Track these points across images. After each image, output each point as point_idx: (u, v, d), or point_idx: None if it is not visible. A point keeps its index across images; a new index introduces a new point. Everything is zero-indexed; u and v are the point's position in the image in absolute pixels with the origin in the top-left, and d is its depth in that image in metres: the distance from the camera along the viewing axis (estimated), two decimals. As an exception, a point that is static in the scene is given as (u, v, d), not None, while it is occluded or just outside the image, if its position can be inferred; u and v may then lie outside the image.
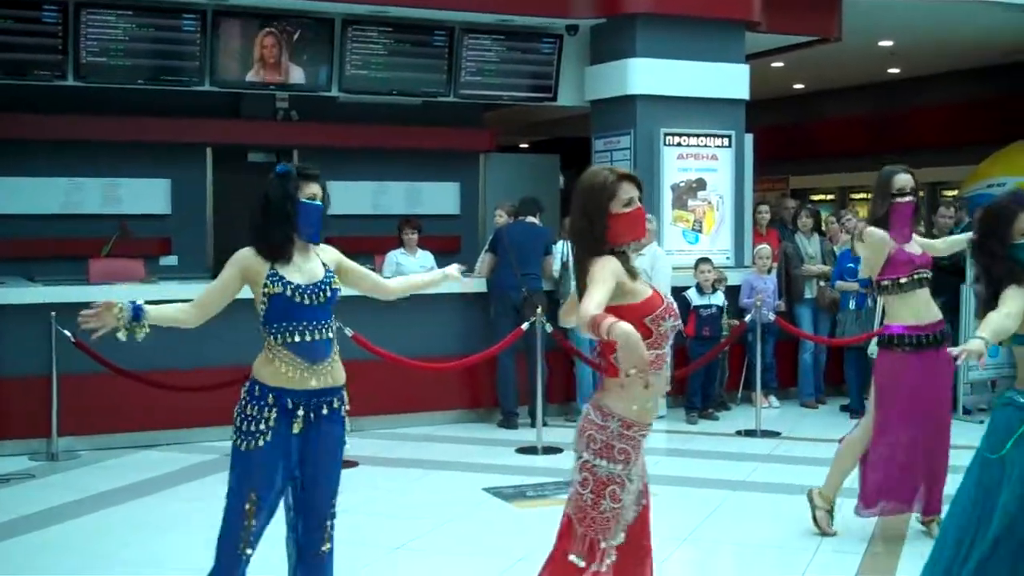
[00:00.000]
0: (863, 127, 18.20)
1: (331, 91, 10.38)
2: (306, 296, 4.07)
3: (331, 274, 4.21)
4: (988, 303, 3.85)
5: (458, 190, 13.21)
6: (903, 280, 5.68)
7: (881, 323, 6.37)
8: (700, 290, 9.49)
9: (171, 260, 11.54)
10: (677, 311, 3.48)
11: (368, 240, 11.50)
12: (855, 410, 9.74)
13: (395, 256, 9.96)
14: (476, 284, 9.41)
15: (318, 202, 4.18)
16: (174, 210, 11.79)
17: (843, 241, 10.48)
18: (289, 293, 4.04)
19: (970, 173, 14.55)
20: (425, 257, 9.98)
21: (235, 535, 4.04)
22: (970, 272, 9.37)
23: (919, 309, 5.73)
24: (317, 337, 4.09)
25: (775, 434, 8.91)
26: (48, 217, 11.12)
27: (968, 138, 15.67)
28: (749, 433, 8.91)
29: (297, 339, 4.05)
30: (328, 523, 4.20)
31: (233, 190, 11.47)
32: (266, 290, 4.04)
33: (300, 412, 4.05)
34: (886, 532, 6.03)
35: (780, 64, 14.63)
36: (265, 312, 4.06)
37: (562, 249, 9.31)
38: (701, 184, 10.47)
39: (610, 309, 3.26)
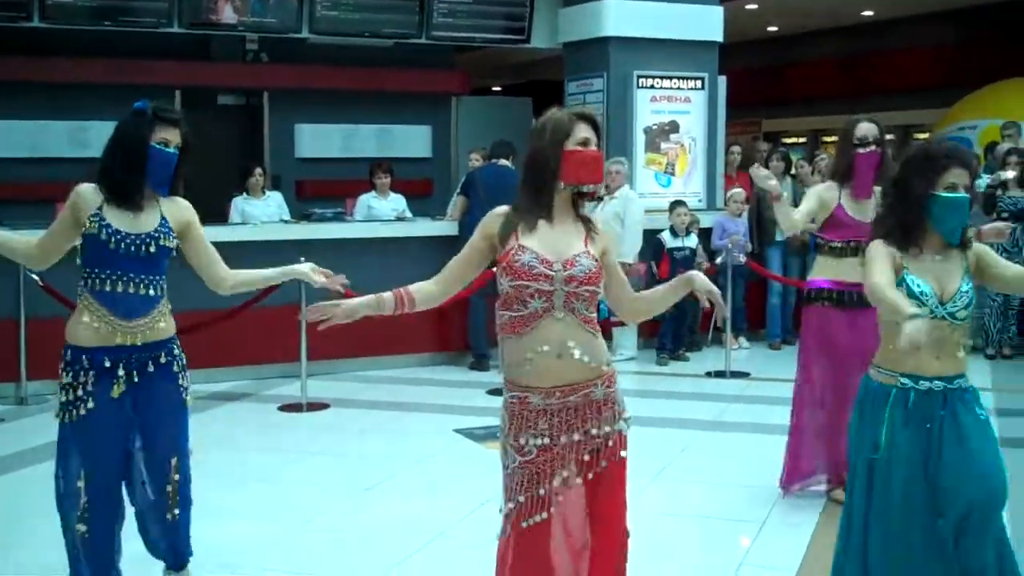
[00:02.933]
0: (836, 70, 18.19)
1: (301, 32, 10.26)
2: (123, 244, 3.73)
3: (165, 229, 3.84)
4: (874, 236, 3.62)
5: (430, 133, 13.12)
6: (837, 244, 5.45)
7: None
8: (674, 232, 9.51)
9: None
10: (526, 269, 3.21)
11: (339, 183, 11.44)
12: (824, 351, 9.82)
13: (367, 199, 9.91)
14: (447, 227, 9.40)
15: (171, 149, 3.81)
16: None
17: (814, 183, 10.50)
18: (104, 237, 3.72)
19: (943, 116, 14.58)
20: (397, 200, 9.94)
21: (69, 513, 3.80)
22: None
23: (846, 268, 5.40)
24: (131, 291, 3.77)
25: (744, 375, 8.98)
26: (15, 161, 10.97)
27: (941, 81, 15.71)
28: (719, 374, 8.98)
29: (108, 288, 3.74)
30: (169, 487, 3.92)
31: (203, 133, 11.23)
32: (83, 228, 3.74)
33: (120, 372, 3.75)
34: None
35: (754, 6, 14.58)
36: (80, 253, 3.76)
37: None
38: (674, 127, 10.45)
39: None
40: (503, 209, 3.32)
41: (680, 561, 4.84)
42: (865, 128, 5.37)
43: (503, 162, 9.41)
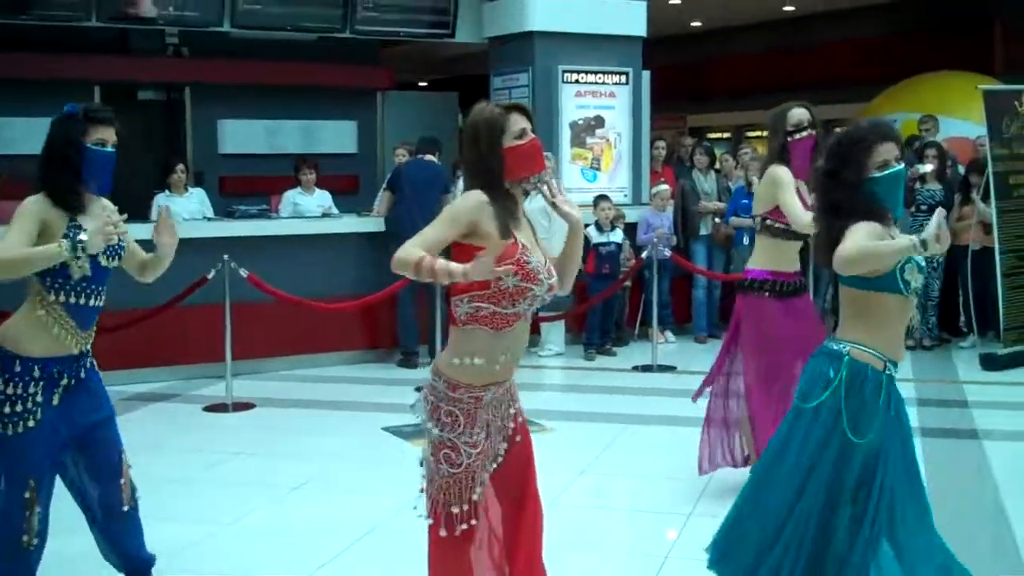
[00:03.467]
0: (758, 65, 18.41)
1: (223, 26, 10.10)
2: (104, 256, 3.73)
3: (122, 240, 3.83)
4: (830, 239, 3.51)
5: (355, 129, 13.07)
6: (781, 226, 5.37)
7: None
8: (599, 228, 9.55)
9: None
10: (535, 274, 3.19)
11: (264, 180, 11.34)
12: (749, 344, 9.94)
13: (292, 196, 9.83)
14: (374, 223, 9.36)
15: (109, 148, 3.76)
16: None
17: (737, 178, 10.63)
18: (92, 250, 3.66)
19: (862, 110, 14.83)
20: (323, 196, 9.87)
21: (16, 530, 3.72)
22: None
23: (785, 258, 5.45)
24: (93, 303, 3.77)
25: (671, 368, 9.06)
26: (-72, 157, 10.73)
27: (861, 76, 15.96)
28: (646, 368, 9.04)
29: (80, 301, 3.71)
30: (123, 480, 3.93)
31: (123, 129, 11.16)
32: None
33: (64, 380, 3.75)
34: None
35: (677, 1, 14.69)
36: (57, 268, 3.64)
37: (463, 187, 9.25)
38: (599, 122, 10.49)
39: (455, 246, 3.17)
40: (482, 198, 3.20)
41: (607, 553, 4.87)
42: (799, 114, 5.38)
43: (429, 157, 9.38)
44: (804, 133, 5.34)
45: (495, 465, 3.36)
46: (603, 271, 9.39)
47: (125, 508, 3.95)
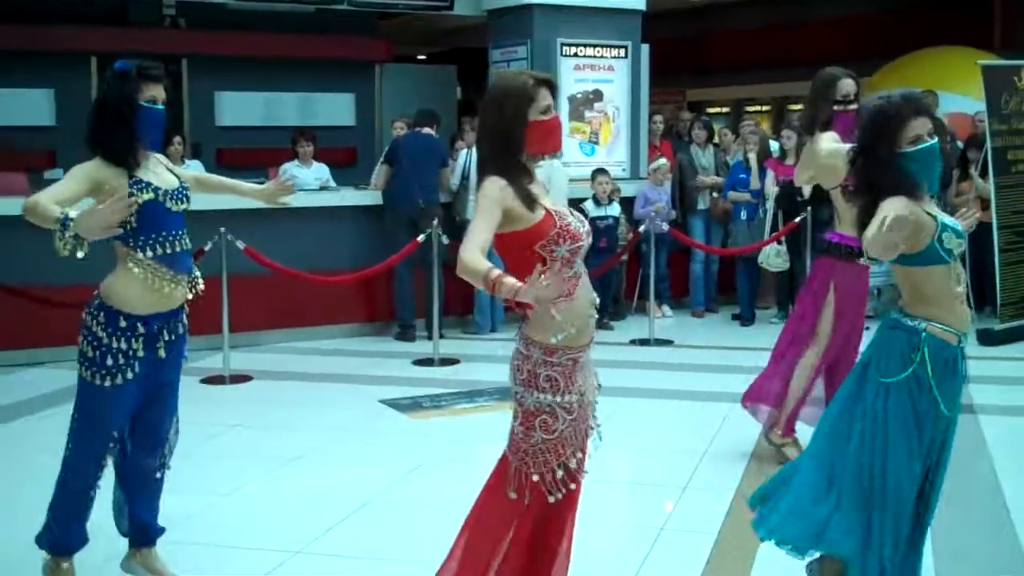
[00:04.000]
0: (758, 40, 18.33)
1: (220, -3, 10.09)
2: (173, 201, 3.82)
3: (184, 184, 3.93)
4: (865, 216, 3.52)
5: (353, 101, 13.03)
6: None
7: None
8: (596, 201, 9.54)
9: (56, 173, 11.17)
10: (579, 231, 3.21)
11: (261, 152, 11.31)
12: (745, 318, 9.97)
13: (289, 168, 9.76)
14: (371, 196, 9.34)
15: (159, 106, 3.81)
16: (58, 122, 11.43)
17: (735, 152, 10.62)
18: (161, 198, 3.76)
19: (863, 85, 14.79)
20: (320, 169, 9.84)
21: (88, 478, 3.82)
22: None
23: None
24: (180, 248, 3.85)
25: (668, 342, 9.07)
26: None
27: (861, 51, 15.87)
28: (643, 342, 9.05)
29: (169, 250, 3.79)
30: (166, 448, 4.02)
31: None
32: (133, 199, 3.68)
33: (164, 336, 3.84)
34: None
35: (677, -25, 14.62)
36: (135, 224, 3.71)
37: (464, 160, 9.26)
38: (598, 95, 10.47)
39: (498, 237, 3.13)
40: (500, 183, 3.15)
41: (604, 526, 4.87)
42: (848, 85, 5.33)
43: (427, 130, 9.35)
44: (852, 106, 5.27)
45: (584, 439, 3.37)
46: (600, 245, 9.38)
47: (157, 476, 4.04)
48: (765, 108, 19.69)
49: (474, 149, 9.30)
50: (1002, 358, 8.15)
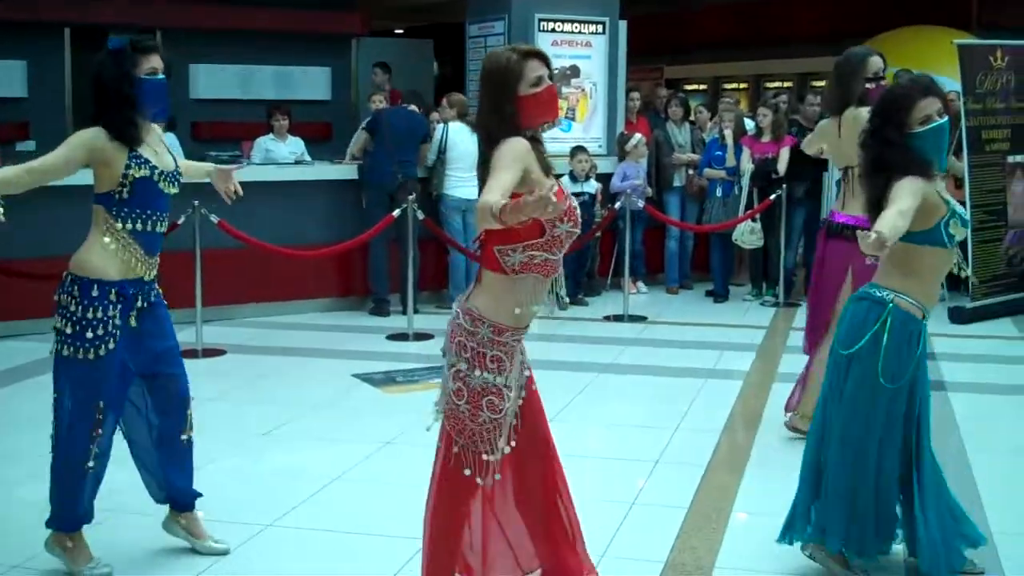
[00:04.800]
0: (736, 18, 18.32)
1: (195, -31, 10.00)
2: (167, 183, 3.88)
3: (178, 167, 4.01)
4: (877, 197, 3.63)
5: (329, 75, 12.95)
6: None
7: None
8: (573, 178, 9.53)
9: (28, 146, 11.07)
10: (579, 217, 3.25)
11: (236, 126, 11.25)
12: (719, 295, 10.01)
13: (264, 142, 9.75)
14: (347, 171, 9.31)
15: (160, 76, 3.85)
16: (31, 94, 11.32)
17: (711, 130, 10.63)
18: (156, 178, 3.83)
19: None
20: (295, 143, 9.80)
21: (82, 454, 3.84)
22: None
23: (861, 205, 5.44)
24: (159, 229, 3.92)
25: (642, 318, 9.09)
26: None
27: (840, 30, 15.89)
28: (617, 318, 9.07)
29: (149, 228, 3.85)
30: (189, 411, 4.12)
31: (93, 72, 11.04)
32: (130, 172, 3.76)
33: (139, 303, 3.88)
34: (745, 416, 6.23)
35: (655, -49, 14.56)
36: (125, 196, 3.78)
37: (440, 135, 9.24)
38: (575, 71, 10.44)
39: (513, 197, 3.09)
40: (525, 142, 3.15)
41: (576, 499, 4.86)
42: (877, 63, 5.37)
43: (412, 107, 9.33)
44: (883, 82, 5.30)
45: (515, 419, 3.38)
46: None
47: (184, 438, 4.10)
48: (743, 86, 19.69)
49: (450, 124, 9.36)
50: (972, 336, 8.20)
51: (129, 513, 4.37)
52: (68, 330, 3.77)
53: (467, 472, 3.26)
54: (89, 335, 3.75)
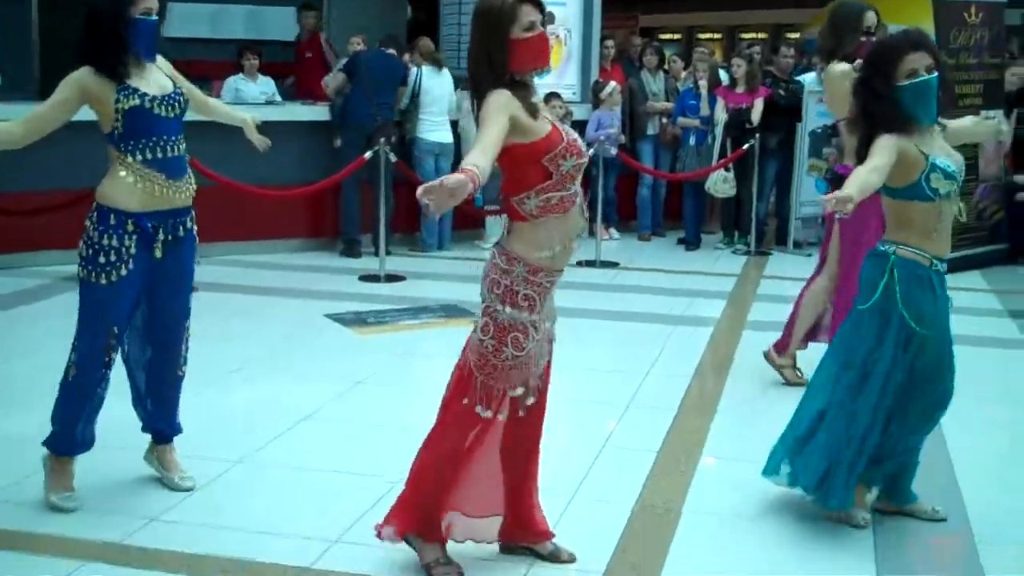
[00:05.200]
0: (713, -33, 18.23)
1: (166, -98, 9.78)
2: (163, 107, 3.88)
3: (179, 88, 4.00)
4: (861, 147, 3.69)
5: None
6: None
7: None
8: (546, 123, 9.48)
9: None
10: (582, 148, 3.28)
11: (207, 64, 11.04)
12: (691, 243, 10.04)
13: (234, 82, 9.64)
14: (319, 112, 9.22)
15: (154, 17, 3.89)
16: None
17: (685, 79, 10.60)
18: (147, 105, 3.83)
19: (814, 16, 14.76)
20: (266, 83, 9.70)
21: (94, 378, 3.91)
22: (807, 111, 9.59)
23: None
24: (173, 152, 3.92)
25: (614, 264, 9.12)
26: None
27: (814, -19, 15.88)
28: (589, 263, 9.08)
29: (159, 155, 3.86)
30: (183, 346, 4.15)
31: (60, 7, 10.84)
32: (120, 105, 3.80)
33: (160, 236, 3.92)
34: (715, 362, 6.27)
35: None
36: (121, 130, 3.82)
37: (414, 78, 9.17)
38: (550, 18, 10.29)
39: (505, 151, 3.11)
40: (506, 92, 3.13)
41: (547, 442, 4.88)
42: (872, 17, 5.39)
43: (391, 51, 9.24)
44: (873, 37, 5.29)
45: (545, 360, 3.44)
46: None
47: (179, 373, 4.18)
48: (717, 36, 19.63)
49: (423, 68, 9.28)
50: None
51: (109, 447, 4.34)
52: (84, 252, 3.85)
53: (478, 409, 3.30)
54: (102, 260, 3.82)
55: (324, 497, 4.16)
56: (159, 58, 4.05)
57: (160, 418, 4.22)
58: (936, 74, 3.67)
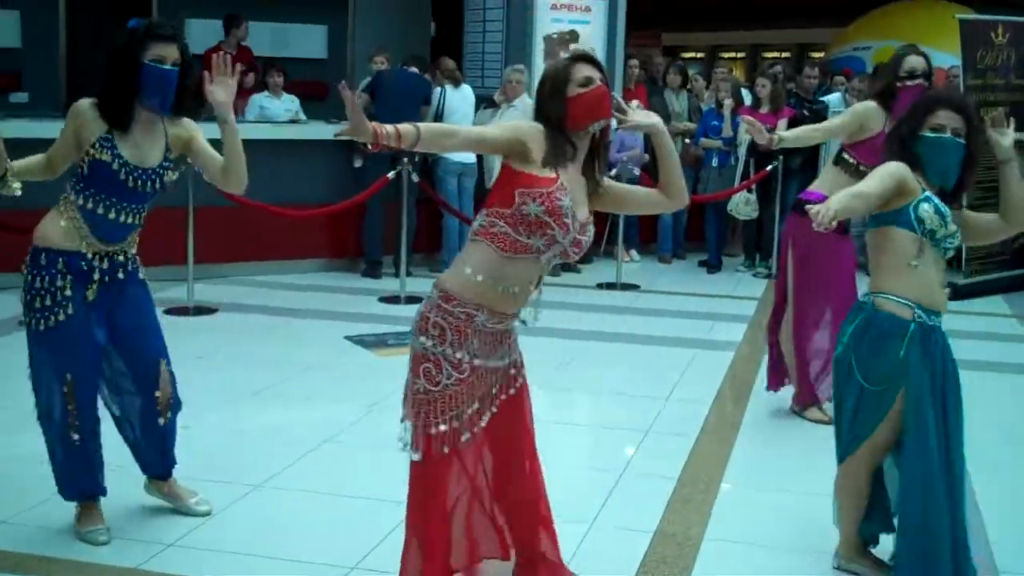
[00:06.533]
0: (736, -14, 18.20)
1: (191, -79, 9.87)
2: (131, 177, 3.71)
3: (168, 163, 3.82)
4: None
5: (326, 33, 12.82)
6: (864, 168, 5.16)
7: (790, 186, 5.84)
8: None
9: (21, 97, 10.98)
10: (565, 220, 3.10)
11: (231, 82, 11.12)
12: (713, 265, 10.01)
13: (259, 100, 9.69)
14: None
15: (168, 66, 3.67)
16: (24, 43, 11.18)
17: (708, 99, 10.58)
18: (116, 167, 3.68)
19: (838, 36, 14.74)
20: (290, 101, 9.73)
21: (62, 425, 3.80)
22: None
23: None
24: (123, 220, 3.76)
25: (634, 287, 9.09)
26: None
27: (840, 2, 15.84)
28: (610, 286, 9.06)
29: (99, 211, 3.71)
30: (159, 393, 3.99)
31: (87, 23, 10.93)
32: (92, 151, 3.65)
33: (96, 276, 3.76)
34: (735, 387, 6.23)
35: (657, -83, 14.45)
36: (85, 172, 3.69)
37: (438, 99, 9.19)
38: (574, 36, 10.36)
39: (503, 169, 3.14)
40: (541, 127, 3.14)
41: (565, 468, 4.88)
42: (913, 61, 5.35)
43: (413, 69, 9.26)
44: (917, 81, 5.29)
45: (492, 411, 3.27)
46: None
47: (160, 421, 4.03)
48: (740, 55, 19.62)
49: (448, 87, 9.30)
50: (965, 312, 8.20)
51: (125, 472, 4.32)
52: (24, 298, 3.75)
53: (415, 456, 3.16)
54: (38, 304, 3.71)
55: (342, 523, 4.15)
56: (186, 121, 3.87)
57: (151, 460, 4.15)
58: (962, 142, 3.59)
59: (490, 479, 3.40)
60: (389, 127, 2.91)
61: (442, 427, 3.14)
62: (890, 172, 3.54)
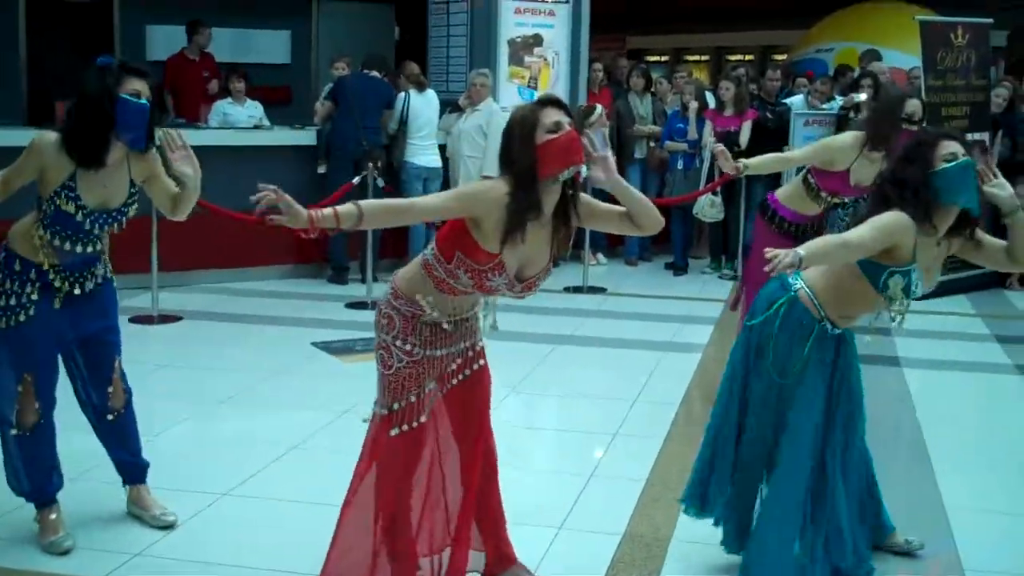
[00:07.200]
0: (699, -11, 18.29)
1: (152, -73, 9.81)
2: (89, 219, 3.77)
3: (132, 202, 3.87)
4: (857, 222, 3.55)
5: (289, 38, 12.77)
6: (824, 195, 5.43)
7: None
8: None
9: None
10: (499, 289, 3.26)
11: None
12: (679, 267, 10.04)
13: (222, 106, 9.62)
14: (306, 136, 9.21)
15: (143, 100, 3.70)
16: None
17: (673, 102, 10.62)
18: (79, 218, 3.73)
19: (801, 37, 14.83)
20: (254, 107, 9.67)
21: (4, 419, 3.84)
22: (793, 135, 9.61)
23: (807, 206, 5.52)
24: (82, 250, 3.82)
25: (601, 290, 9.11)
26: None
27: (802, 4, 15.95)
28: (576, 289, 9.08)
29: (67, 247, 3.78)
30: (111, 388, 4.05)
31: (48, 31, 10.84)
32: (56, 200, 3.69)
33: (64, 287, 3.83)
34: (703, 389, 6.25)
35: (620, -80, 14.49)
36: (49, 212, 3.73)
37: (402, 105, 9.17)
38: (538, 40, 10.38)
39: (451, 223, 3.20)
40: (503, 198, 3.12)
41: (534, 471, 4.90)
42: (915, 105, 5.38)
43: (374, 73, 9.23)
44: (915, 126, 5.30)
45: (454, 381, 3.44)
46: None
47: (110, 417, 4.07)
48: (704, 58, 19.71)
49: (412, 92, 9.28)
50: (929, 312, 8.26)
51: (91, 481, 4.31)
52: None
53: (393, 432, 3.34)
54: (1, 303, 3.78)
55: (310, 531, 4.11)
56: (150, 155, 3.89)
57: (119, 460, 4.18)
58: (973, 161, 3.52)
59: (442, 461, 3.54)
60: (327, 210, 3.03)
61: (395, 406, 3.32)
62: (890, 231, 3.42)
